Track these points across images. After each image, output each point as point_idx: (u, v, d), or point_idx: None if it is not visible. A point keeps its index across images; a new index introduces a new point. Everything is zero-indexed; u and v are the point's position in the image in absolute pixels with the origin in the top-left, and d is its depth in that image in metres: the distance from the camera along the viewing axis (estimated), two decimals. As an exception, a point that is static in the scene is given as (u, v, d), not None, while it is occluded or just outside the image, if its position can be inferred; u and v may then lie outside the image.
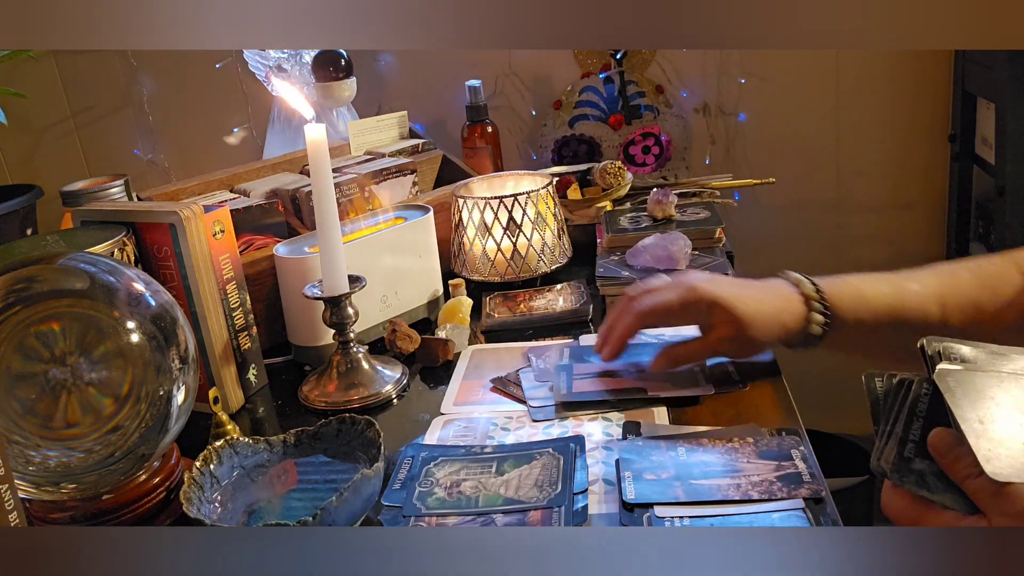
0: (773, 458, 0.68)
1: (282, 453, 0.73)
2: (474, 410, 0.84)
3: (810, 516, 0.61)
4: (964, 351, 0.52)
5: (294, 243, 1.00)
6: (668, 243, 1.02)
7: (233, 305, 0.89)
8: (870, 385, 0.55)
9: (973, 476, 0.48)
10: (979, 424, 0.48)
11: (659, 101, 1.61)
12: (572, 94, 1.62)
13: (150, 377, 0.66)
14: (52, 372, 0.63)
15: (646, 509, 0.64)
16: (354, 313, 0.87)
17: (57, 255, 0.69)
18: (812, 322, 0.76)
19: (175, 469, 0.74)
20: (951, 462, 0.50)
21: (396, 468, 0.74)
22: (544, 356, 0.91)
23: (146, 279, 0.71)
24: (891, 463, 0.52)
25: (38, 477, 0.65)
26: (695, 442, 0.72)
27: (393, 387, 0.89)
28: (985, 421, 0.49)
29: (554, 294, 1.08)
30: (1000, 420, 0.49)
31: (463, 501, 0.68)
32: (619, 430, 0.76)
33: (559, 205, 1.15)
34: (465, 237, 1.12)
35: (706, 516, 0.63)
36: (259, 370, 0.94)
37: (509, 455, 0.74)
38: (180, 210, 0.82)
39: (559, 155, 1.62)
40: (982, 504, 0.48)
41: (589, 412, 0.80)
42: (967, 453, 0.48)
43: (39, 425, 0.64)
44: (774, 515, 0.62)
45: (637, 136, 1.59)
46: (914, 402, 0.52)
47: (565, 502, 0.66)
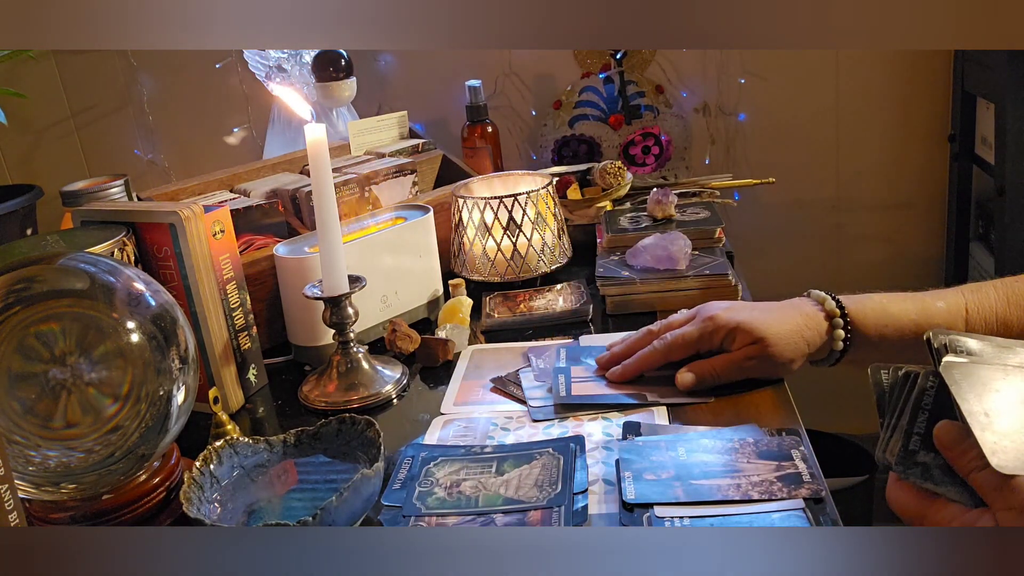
0: (773, 458, 0.68)
1: (282, 453, 0.73)
2: (474, 410, 0.84)
3: (810, 516, 0.61)
4: (970, 344, 0.52)
5: (294, 243, 1.00)
6: (668, 243, 1.02)
7: (233, 305, 0.89)
8: (876, 378, 0.55)
9: (978, 469, 0.48)
10: (984, 417, 0.48)
11: (659, 101, 1.61)
12: (572, 94, 1.62)
13: (150, 377, 0.66)
14: (52, 372, 0.63)
15: (646, 509, 0.64)
16: (354, 313, 0.87)
17: (57, 255, 0.69)
18: (834, 338, 0.78)
19: (175, 469, 0.74)
20: (957, 455, 0.50)
21: (396, 468, 0.74)
22: (544, 356, 0.91)
23: (146, 279, 0.71)
24: (896, 455, 0.52)
25: (38, 477, 0.65)
26: (695, 442, 0.72)
27: (393, 387, 0.89)
28: (991, 414, 0.49)
29: (554, 294, 1.07)
30: (1006, 413, 0.49)
31: (463, 501, 0.68)
32: (619, 430, 0.76)
33: (559, 205, 1.15)
34: (465, 237, 1.12)
35: (706, 516, 0.63)
36: (259, 370, 0.94)
37: (509, 455, 0.74)
38: (180, 210, 0.82)
39: (559, 155, 1.62)
40: (987, 497, 0.48)
41: (589, 412, 0.80)
42: (973, 446, 0.48)
43: (39, 425, 0.64)
44: (774, 515, 0.62)
45: (637, 136, 1.59)
46: (920, 395, 0.52)
47: (565, 502, 0.66)
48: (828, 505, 0.63)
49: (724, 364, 0.79)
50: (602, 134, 1.61)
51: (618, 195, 1.28)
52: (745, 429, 0.73)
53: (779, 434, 0.72)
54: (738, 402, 0.79)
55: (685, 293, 1.00)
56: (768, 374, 0.80)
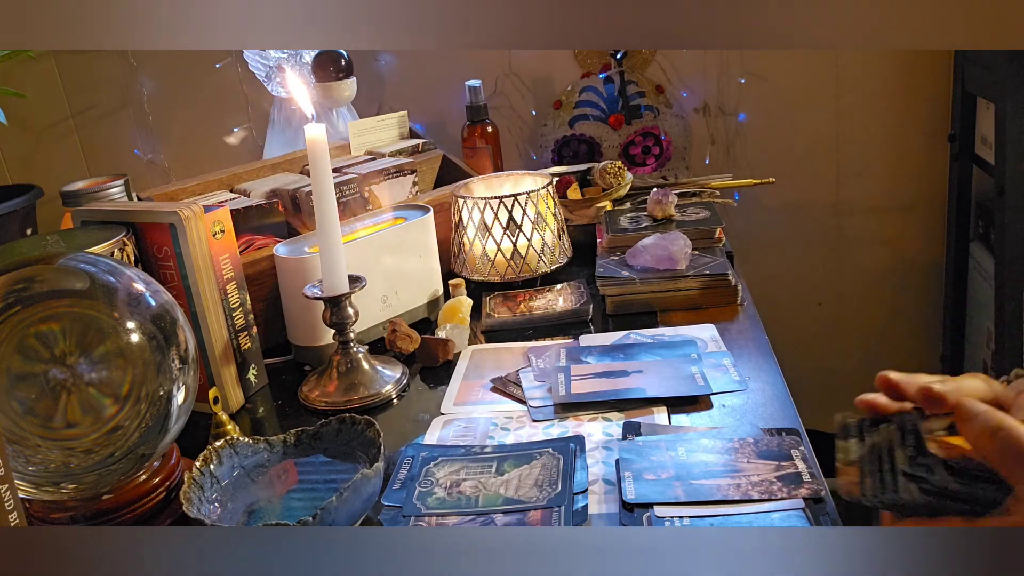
0: (773, 458, 0.68)
1: (282, 453, 0.73)
2: (474, 410, 0.84)
3: (810, 516, 0.61)
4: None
5: (294, 243, 1.00)
6: (668, 243, 1.02)
7: (233, 305, 0.89)
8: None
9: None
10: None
11: (659, 101, 1.61)
12: (572, 94, 1.62)
13: (150, 377, 0.66)
14: (52, 372, 0.63)
15: (646, 509, 0.64)
16: (354, 313, 0.87)
17: (57, 255, 0.69)
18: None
19: (175, 469, 0.74)
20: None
21: (396, 468, 0.74)
22: (544, 356, 0.91)
23: (146, 279, 0.71)
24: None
25: (38, 477, 0.65)
26: (695, 442, 0.72)
27: (393, 387, 0.89)
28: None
29: (554, 294, 1.07)
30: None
31: (463, 501, 0.68)
32: (619, 430, 0.76)
33: (559, 205, 1.15)
34: (465, 237, 1.12)
35: (706, 516, 0.63)
36: (259, 370, 0.94)
37: (509, 455, 0.74)
38: (180, 210, 0.82)
39: (559, 155, 1.62)
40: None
41: (589, 412, 0.80)
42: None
43: (39, 425, 0.64)
44: (774, 515, 0.62)
45: (637, 136, 1.59)
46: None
47: (565, 502, 0.66)
48: (828, 505, 0.63)
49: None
50: (602, 134, 1.61)
51: (618, 195, 1.28)
52: (745, 429, 0.73)
53: (779, 434, 0.72)
54: (738, 402, 0.79)
55: (685, 293, 1.00)
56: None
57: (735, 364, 0.85)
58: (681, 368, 0.84)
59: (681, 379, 0.82)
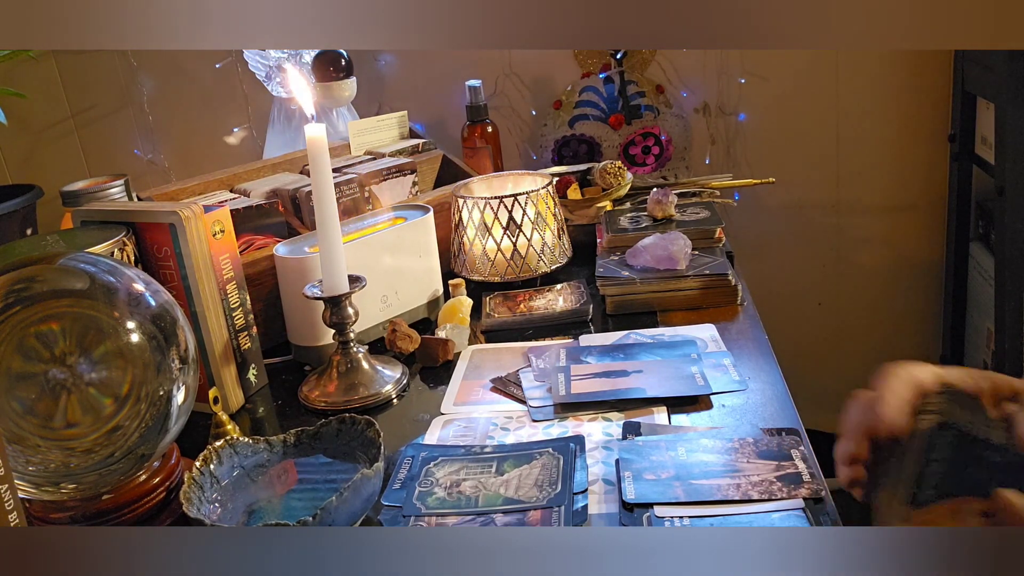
0: (773, 458, 0.68)
1: (282, 453, 0.73)
2: (474, 410, 0.84)
3: (810, 516, 0.61)
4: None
5: (294, 243, 1.00)
6: (668, 243, 1.02)
7: (233, 305, 0.89)
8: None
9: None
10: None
11: (659, 101, 1.61)
12: (572, 94, 1.62)
13: (150, 377, 0.66)
14: (52, 372, 0.63)
15: (646, 509, 0.64)
16: (354, 313, 0.87)
17: (57, 255, 0.69)
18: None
19: (175, 469, 0.74)
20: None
21: (396, 468, 0.74)
22: (544, 356, 0.91)
23: (146, 279, 0.71)
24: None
25: (38, 477, 0.65)
26: (695, 442, 0.72)
27: (393, 387, 0.89)
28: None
29: (554, 294, 1.07)
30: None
31: (463, 501, 0.68)
32: (619, 430, 0.76)
33: (559, 205, 1.15)
34: (465, 237, 1.12)
35: (706, 516, 0.63)
36: (259, 370, 0.94)
37: (509, 455, 0.74)
38: (180, 210, 0.82)
39: (559, 155, 1.62)
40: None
41: (589, 412, 0.80)
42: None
43: (39, 425, 0.64)
44: (774, 515, 0.62)
45: (637, 136, 1.59)
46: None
47: (565, 502, 0.66)
48: (828, 505, 0.63)
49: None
50: (602, 134, 1.61)
51: (618, 195, 1.28)
52: (745, 429, 0.73)
53: (779, 434, 0.72)
54: (738, 402, 0.79)
55: (685, 293, 1.00)
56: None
57: (735, 364, 0.85)
58: (681, 368, 0.84)
59: (681, 379, 0.82)
